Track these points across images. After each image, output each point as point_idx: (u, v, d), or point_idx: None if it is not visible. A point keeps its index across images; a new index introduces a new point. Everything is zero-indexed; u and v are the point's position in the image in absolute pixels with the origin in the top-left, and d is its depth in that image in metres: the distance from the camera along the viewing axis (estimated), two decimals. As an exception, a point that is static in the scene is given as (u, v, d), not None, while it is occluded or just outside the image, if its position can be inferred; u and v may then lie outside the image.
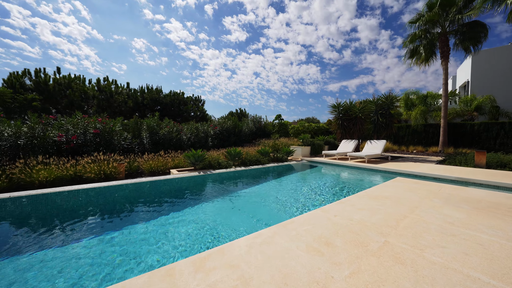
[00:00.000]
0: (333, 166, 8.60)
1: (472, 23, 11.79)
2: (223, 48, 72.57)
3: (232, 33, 65.73)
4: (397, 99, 9.94)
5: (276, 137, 14.23)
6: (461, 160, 7.71)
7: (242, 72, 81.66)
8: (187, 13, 57.12)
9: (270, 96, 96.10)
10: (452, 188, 4.20)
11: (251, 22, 63.94)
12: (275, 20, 62.71)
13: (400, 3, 54.56)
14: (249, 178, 6.63)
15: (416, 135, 15.08)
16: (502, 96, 15.10)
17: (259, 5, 60.01)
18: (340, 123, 10.96)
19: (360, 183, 5.73)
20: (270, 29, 65.30)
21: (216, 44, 70.71)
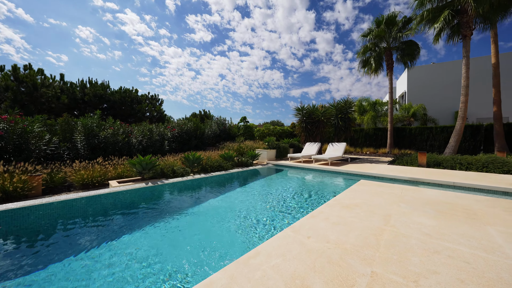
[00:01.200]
0: (299, 170, 8.45)
1: (409, 42, 13.61)
2: (186, 47, 68.76)
3: (197, 32, 62.99)
4: (354, 104, 10.57)
5: (241, 140, 13.67)
6: (408, 160, 8.52)
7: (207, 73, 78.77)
8: (145, 6, 52.13)
9: (236, 98, 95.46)
10: (410, 190, 4.29)
11: (216, 23, 62.53)
12: (241, 24, 62.86)
13: (350, 22, 61.56)
14: (209, 187, 5.81)
15: (368, 137, 16.62)
16: (429, 105, 18.01)
17: (224, 7, 59.23)
18: (304, 126, 11.08)
19: (327, 187, 5.57)
20: (236, 32, 65.11)
21: (179, 42, 66.55)
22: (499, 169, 6.60)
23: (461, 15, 9.53)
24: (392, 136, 14.18)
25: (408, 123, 17.02)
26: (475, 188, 4.91)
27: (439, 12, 10.01)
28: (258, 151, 10.45)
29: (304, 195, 4.74)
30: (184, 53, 68.45)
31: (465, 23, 9.51)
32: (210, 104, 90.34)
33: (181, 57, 70.17)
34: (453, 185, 5.19)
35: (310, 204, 4.06)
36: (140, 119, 18.35)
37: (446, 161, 7.65)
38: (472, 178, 5.49)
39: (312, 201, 4.17)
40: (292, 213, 3.61)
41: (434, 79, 18.36)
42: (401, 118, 17.03)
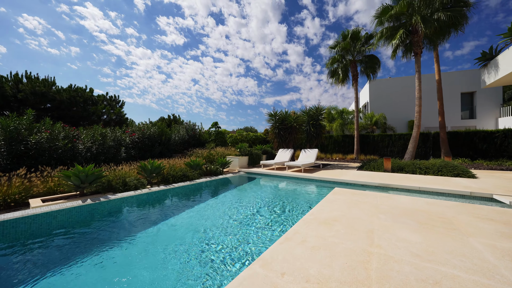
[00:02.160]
0: (272, 178, 8.04)
1: (371, 56, 14.80)
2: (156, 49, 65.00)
3: (168, 35, 60.22)
4: (324, 111, 10.79)
5: (211, 146, 12.83)
6: (374, 166, 8.85)
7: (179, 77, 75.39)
8: (110, 2, 47.85)
9: (209, 104, 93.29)
10: (383, 198, 4.17)
11: (189, 28, 60.81)
12: (215, 31, 62.31)
13: (318, 38, 66.30)
14: (167, 202, 4.92)
15: (337, 144, 17.35)
16: (388, 114, 19.82)
17: (198, 12, 58.16)
18: (277, 132, 10.85)
19: (302, 197, 5.20)
20: (210, 38, 64.21)
21: (149, 43, 62.61)
22: (451, 172, 7.19)
23: (413, 35, 10.64)
24: (358, 143, 15.00)
25: (371, 131, 18.35)
26: (438, 192, 5.09)
27: (395, 30, 11.02)
28: (229, 158, 9.79)
29: (277, 209, 4.25)
30: (154, 55, 64.61)
31: (416, 42, 10.63)
32: (182, 109, 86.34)
33: (151, 59, 66.12)
34: (418, 190, 5.33)
35: (284, 220, 3.57)
36: (95, 123, 16.02)
37: (407, 166, 8.12)
38: (432, 182, 5.77)
39: (286, 217, 3.70)
40: (263, 235, 3.06)
41: (391, 91, 20.37)
42: (365, 126, 18.30)
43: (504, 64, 8.15)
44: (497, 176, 7.34)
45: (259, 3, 56.59)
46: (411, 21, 10.29)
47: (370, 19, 12.80)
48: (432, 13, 10.00)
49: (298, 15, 59.13)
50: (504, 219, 2.93)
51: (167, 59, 67.76)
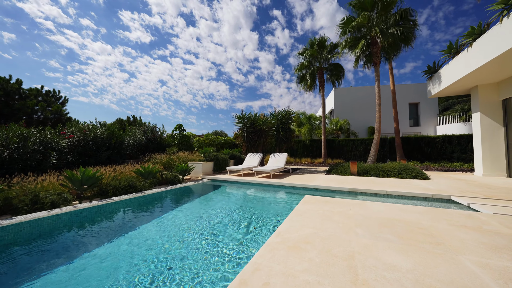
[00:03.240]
0: (238, 185, 7.29)
1: (336, 64, 15.54)
2: (118, 45, 58.84)
3: (132, 31, 55.22)
4: (294, 115, 10.62)
5: (173, 150, 11.48)
6: (342, 170, 8.89)
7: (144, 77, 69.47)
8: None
9: (178, 107, 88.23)
10: (356, 206, 3.83)
11: (157, 26, 57.00)
12: (185, 32, 59.71)
13: (287, 48, 69.49)
14: (97, 224, 3.73)
15: (305, 148, 17.61)
16: (350, 120, 21.16)
17: (167, 11, 55.04)
18: (245, 135, 10.21)
19: (269, 208, 4.58)
20: (180, 39, 61.21)
21: (109, 38, 56.24)
22: (409, 174, 7.55)
23: (373, 46, 11.39)
24: (326, 147, 15.41)
25: (336, 136, 19.23)
26: (404, 195, 5.07)
27: (357, 41, 11.66)
28: (191, 164, 8.71)
29: (240, 226, 3.52)
30: (115, 51, 58.26)
31: (375, 53, 11.39)
32: (147, 111, 79.62)
33: (111, 55, 59.52)
34: (386, 194, 5.25)
35: (245, 245, 2.85)
36: (26, 122, 12.94)
37: (372, 169, 8.32)
38: (397, 185, 5.83)
39: (248, 240, 2.97)
40: (217, 272, 2.29)
41: (353, 99, 21.89)
42: (331, 131, 19.10)
43: (445, 77, 9.14)
44: (445, 177, 7.99)
45: (232, 9, 56.54)
46: (371, 33, 11.00)
47: (333, 34, 13.70)
48: (388, 27, 10.85)
49: (269, 24, 60.99)
50: (476, 225, 2.76)
51: (130, 56, 62.01)
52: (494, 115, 8.40)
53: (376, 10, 10.99)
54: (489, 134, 8.43)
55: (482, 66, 6.93)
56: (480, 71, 7.32)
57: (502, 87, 8.19)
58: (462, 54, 7.92)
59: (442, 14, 46.87)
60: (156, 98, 76.21)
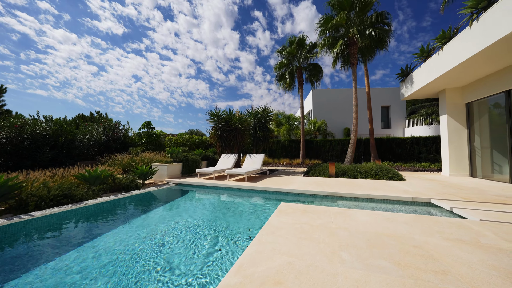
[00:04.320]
0: (208, 190, 6.44)
1: (315, 64, 15.46)
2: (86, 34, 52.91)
3: (103, 21, 50.10)
4: (272, 113, 10.08)
5: (137, 151, 10.13)
6: (320, 171, 8.57)
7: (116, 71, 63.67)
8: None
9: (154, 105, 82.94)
10: (338, 215, 3.32)
11: (131, 17, 52.63)
12: (163, 26, 56.19)
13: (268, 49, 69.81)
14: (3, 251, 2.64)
15: (284, 149, 17.30)
16: (328, 121, 21.50)
17: (142, 2, 51.12)
18: (219, 134, 9.37)
19: (239, 221, 3.84)
20: (156, 33, 57.37)
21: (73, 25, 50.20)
22: (386, 175, 7.46)
23: (350, 46, 11.40)
24: (304, 148, 15.23)
25: (314, 136, 19.30)
26: (385, 199, 4.75)
27: (336, 41, 11.59)
28: (155, 166, 7.60)
29: (204, 247, 2.73)
30: (81, 41, 52.33)
31: (353, 54, 11.42)
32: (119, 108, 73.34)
33: (77, 45, 53.40)
34: (366, 198, 4.89)
35: (207, 271, 2.09)
36: None
37: (349, 170, 8.11)
38: (376, 187, 5.56)
39: (210, 272, 2.22)
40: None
41: (330, 101, 22.29)
42: (309, 132, 19.11)
43: (416, 80, 9.40)
44: (417, 177, 8.10)
45: (212, 7, 54.70)
46: (349, 34, 10.98)
47: (313, 38, 13.57)
48: (365, 29, 10.93)
49: (250, 25, 60.51)
50: (472, 238, 2.38)
51: (100, 48, 56.35)
52: (459, 118, 8.80)
53: (354, 10, 11.00)
54: (455, 136, 8.81)
55: (451, 69, 7.09)
56: (448, 74, 7.53)
57: (465, 92, 8.61)
58: (433, 58, 8.12)
59: (406, 28, 51.17)
60: (129, 95, 70.57)
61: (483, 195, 4.80)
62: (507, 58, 6.13)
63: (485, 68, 6.93)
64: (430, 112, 21.28)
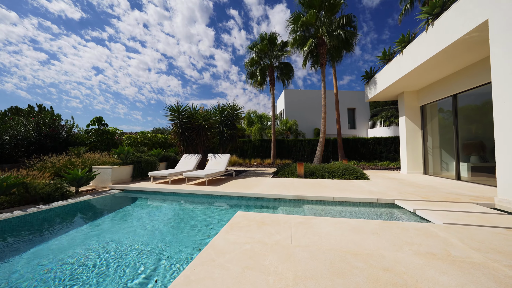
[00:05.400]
0: (160, 198, 5.50)
1: (286, 63, 15.33)
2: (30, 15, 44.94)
3: (53, 1, 43.00)
4: (241, 110, 9.44)
5: (78, 151, 8.48)
6: (289, 172, 8.25)
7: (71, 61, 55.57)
8: None
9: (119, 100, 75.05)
10: (299, 227, 2.84)
11: (90, 1, 46.47)
12: (129, 15, 51.04)
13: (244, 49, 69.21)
14: None
15: (255, 149, 16.85)
16: (299, 122, 21.81)
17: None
18: (180, 132, 8.39)
19: (187, 240, 3.09)
20: (122, 22, 51.88)
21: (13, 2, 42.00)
22: (352, 175, 7.46)
23: (320, 46, 11.44)
24: (275, 147, 14.97)
25: (286, 136, 19.30)
26: (350, 201, 4.50)
27: (306, 39, 11.51)
28: (96, 170, 6.31)
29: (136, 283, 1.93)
30: (24, 22, 44.35)
31: (322, 54, 11.48)
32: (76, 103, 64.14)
33: (17, 26, 45.20)
34: (333, 201, 4.59)
35: None
36: None
37: (317, 170, 7.95)
38: (342, 188, 5.35)
39: None
40: None
41: (301, 101, 22.66)
42: (281, 131, 19.03)
43: (379, 82, 9.79)
44: (380, 176, 8.35)
45: (186, 0, 51.62)
46: (319, 33, 10.98)
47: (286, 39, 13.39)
48: (333, 30, 11.06)
49: (226, 23, 59.07)
50: (442, 250, 2.10)
51: (50, 33, 48.61)
52: (415, 119, 9.39)
53: (323, 10, 11.04)
54: (411, 136, 9.37)
55: (409, 73, 7.38)
56: (406, 77, 7.87)
57: (420, 95, 9.21)
58: (393, 61, 8.45)
59: (369, 39, 56.00)
60: (89, 88, 62.47)
61: (438, 193, 4.91)
62: (455, 64, 6.57)
63: (436, 73, 7.39)
64: (390, 114, 23.15)
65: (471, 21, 4.71)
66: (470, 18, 4.74)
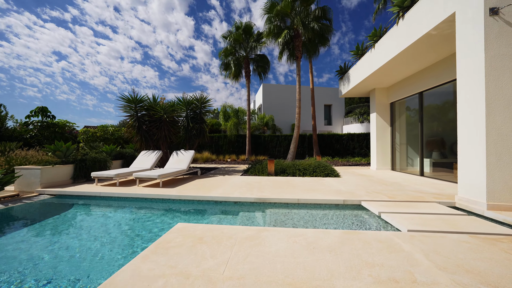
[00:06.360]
0: (104, 203, 4.60)
1: (262, 55, 14.71)
2: None
3: None
4: (210, 102, 8.65)
5: (7, 147, 6.99)
6: (259, 169, 7.77)
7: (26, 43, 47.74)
8: None
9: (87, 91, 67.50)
10: (243, 244, 2.39)
11: None
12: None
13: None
14: None
15: (231, 144, 16.16)
16: (277, 117, 21.52)
17: None
18: (137, 125, 7.37)
19: (73, 274, 2.39)
20: (88, 2, 45.76)
21: None
22: (323, 172, 7.23)
23: (295, 39, 11.00)
24: (250, 143, 14.44)
25: (263, 131, 18.88)
26: (316, 203, 4.14)
27: (281, 30, 10.99)
28: (18, 171, 5.13)
29: None
30: None
31: (297, 47, 11.08)
32: (34, 92, 55.77)
33: None
34: (297, 203, 4.18)
35: None
36: None
37: (289, 167, 7.59)
38: (310, 188, 5.00)
39: None
40: None
41: (280, 96, 22.35)
42: (258, 127, 18.55)
43: (352, 77, 9.71)
44: (350, 172, 8.30)
45: None
46: (294, 25, 10.52)
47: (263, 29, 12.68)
48: (309, 22, 10.67)
49: (207, 13, 55.93)
50: (405, 273, 1.72)
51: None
52: (385, 116, 9.51)
53: (298, 0, 10.57)
54: (381, 132, 9.49)
55: (380, 68, 7.27)
56: (378, 73, 7.77)
57: (390, 92, 9.31)
58: (366, 56, 8.33)
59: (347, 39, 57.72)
60: (49, 76, 54.62)
61: (404, 191, 4.81)
62: (423, 61, 6.56)
63: (405, 70, 7.38)
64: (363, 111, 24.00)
65: (439, 14, 4.54)
66: (438, 11, 4.58)
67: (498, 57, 3.47)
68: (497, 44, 3.49)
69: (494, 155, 3.41)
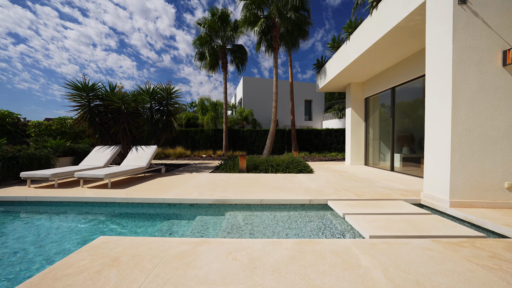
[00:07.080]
0: (33, 209, 3.82)
1: (240, 46, 14.01)
2: None
3: None
4: (177, 93, 7.88)
5: None
6: (230, 166, 7.32)
7: None
8: None
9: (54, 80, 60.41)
10: (170, 267, 1.97)
11: None
12: None
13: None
14: None
15: (208, 139, 15.44)
16: (258, 111, 21.07)
17: None
18: (89, 117, 6.45)
19: None
20: None
21: None
22: (296, 168, 6.98)
23: (273, 29, 10.52)
24: (227, 138, 13.86)
25: (242, 126, 18.35)
26: (281, 204, 3.79)
27: (258, 19, 10.41)
28: None
29: None
30: None
31: (275, 37, 10.62)
32: None
33: None
34: (260, 204, 3.80)
35: None
36: None
37: (262, 163, 7.23)
38: (278, 187, 4.66)
39: None
40: None
41: (260, 90, 21.85)
42: (237, 121, 17.97)
43: (329, 71, 9.53)
44: (325, 168, 8.18)
45: None
46: (271, 15, 10.00)
47: None
48: (287, 11, 10.22)
49: (189, 1, 52.42)
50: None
51: None
52: (360, 111, 9.51)
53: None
54: (356, 128, 9.50)
55: (354, 61, 7.09)
56: (353, 66, 7.59)
57: (365, 87, 9.30)
58: (341, 49, 8.12)
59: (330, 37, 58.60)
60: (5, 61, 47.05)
61: (373, 187, 4.67)
62: (395, 55, 6.46)
63: (378, 65, 7.28)
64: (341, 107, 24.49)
65: (411, 3, 4.34)
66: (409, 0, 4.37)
67: (465, 48, 3.32)
68: (464, 35, 3.34)
69: (458, 150, 3.29)
